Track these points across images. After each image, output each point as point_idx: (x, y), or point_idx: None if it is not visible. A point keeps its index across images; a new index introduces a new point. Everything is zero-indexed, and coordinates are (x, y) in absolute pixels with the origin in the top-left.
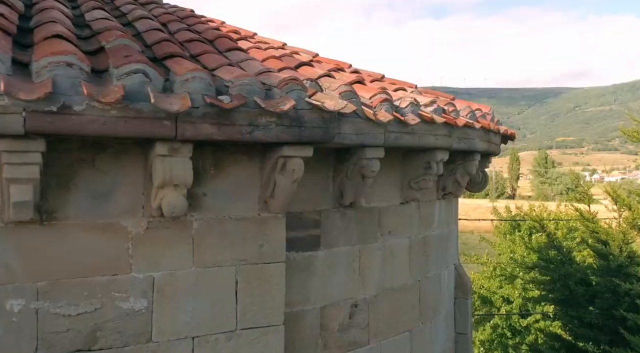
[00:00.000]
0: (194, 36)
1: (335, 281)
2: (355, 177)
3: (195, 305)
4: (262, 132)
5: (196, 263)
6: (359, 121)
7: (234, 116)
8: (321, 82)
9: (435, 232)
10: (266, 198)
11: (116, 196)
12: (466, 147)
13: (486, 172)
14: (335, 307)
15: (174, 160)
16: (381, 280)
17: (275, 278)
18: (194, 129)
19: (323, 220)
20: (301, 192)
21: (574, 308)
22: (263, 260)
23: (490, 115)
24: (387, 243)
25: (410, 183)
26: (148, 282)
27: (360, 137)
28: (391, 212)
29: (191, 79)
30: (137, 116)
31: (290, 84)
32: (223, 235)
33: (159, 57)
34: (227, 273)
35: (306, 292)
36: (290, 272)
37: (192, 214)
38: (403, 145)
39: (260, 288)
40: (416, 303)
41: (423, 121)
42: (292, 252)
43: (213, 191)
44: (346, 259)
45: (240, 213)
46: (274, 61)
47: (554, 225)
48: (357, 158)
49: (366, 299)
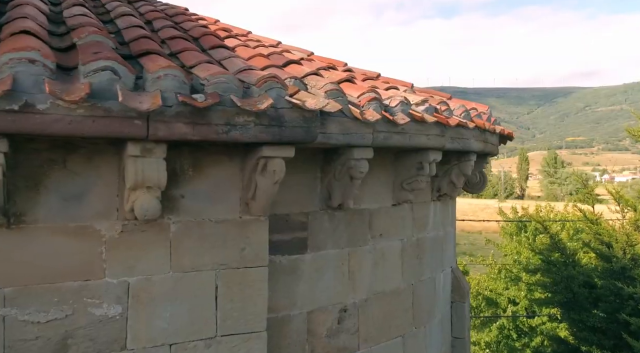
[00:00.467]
0: (178, 33)
1: (323, 285)
2: (343, 178)
3: (173, 311)
4: (239, 131)
5: (174, 267)
6: (345, 120)
7: (210, 115)
8: (307, 81)
9: (429, 234)
10: (247, 200)
11: (89, 198)
12: (460, 147)
13: (484, 173)
14: (323, 312)
15: (147, 161)
16: (372, 284)
17: (257, 283)
18: (166, 129)
19: (310, 223)
20: (287, 193)
21: (576, 312)
22: (245, 264)
23: (486, 114)
24: (378, 246)
25: (403, 184)
26: (123, 287)
27: (347, 137)
28: (382, 214)
29: (163, 77)
30: (105, 115)
31: (270, 82)
32: (202, 238)
33: (134, 54)
34: (207, 278)
35: (292, 296)
36: (276, 275)
37: (170, 217)
38: (393, 145)
39: (241, 294)
40: (409, 307)
41: (413, 120)
42: (277, 255)
43: (191, 193)
44: (335, 262)
45: (221, 216)
46: (260, 59)
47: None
48: (344, 158)
49: (356, 303)
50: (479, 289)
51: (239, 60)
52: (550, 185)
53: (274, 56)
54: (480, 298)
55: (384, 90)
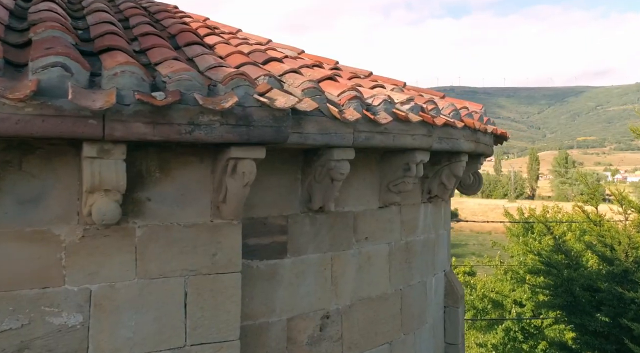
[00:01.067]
0: (152, 30)
1: (304, 291)
2: (324, 179)
3: (139, 319)
4: (203, 131)
5: (139, 274)
6: (323, 120)
7: (171, 114)
8: (286, 79)
9: (419, 237)
10: (219, 204)
11: (47, 201)
12: (449, 147)
13: (479, 174)
14: (304, 319)
15: (104, 162)
16: (356, 289)
17: (229, 289)
18: (124, 129)
19: (290, 226)
20: (265, 195)
21: (578, 316)
22: (216, 270)
23: (478, 114)
24: (363, 250)
25: (389, 186)
26: (84, 295)
27: (325, 137)
28: (368, 217)
29: (120, 73)
30: (56, 114)
31: (236, 79)
32: (170, 243)
33: (95, 50)
34: (175, 285)
35: (271, 302)
36: (253, 281)
37: (135, 221)
38: (375, 146)
39: (212, 301)
40: (397, 313)
41: (397, 120)
42: (255, 260)
43: (158, 196)
44: (316, 267)
45: (190, 220)
46: (238, 56)
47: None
48: (324, 159)
49: (339, 310)
50: (485, 291)
51: (211, 57)
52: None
53: (255, 54)
54: (487, 300)
55: (368, 89)
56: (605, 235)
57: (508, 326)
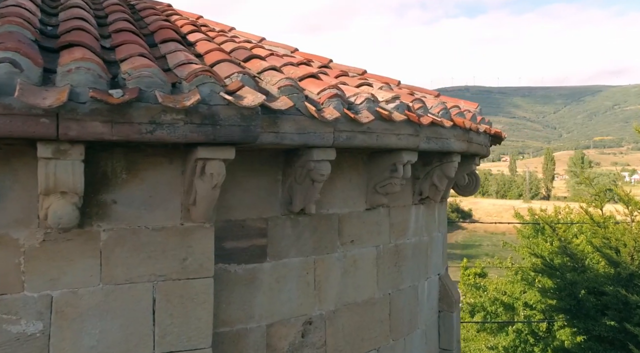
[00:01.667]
0: (127, 26)
1: (285, 296)
2: (305, 181)
3: (104, 327)
4: (166, 131)
5: (104, 279)
6: (302, 119)
7: (131, 113)
8: (264, 76)
9: (410, 240)
10: (189, 206)
11: (5, 204)
12: (438, 147)
13: (476, 174)
14: (284, 325)
15: (60, 163)
16: (341, 294)
17: (201, 295)
18: (80, 128)
19: (270, 229)
20: (244, 197)
21: (581, 320)
22: (187, 275)
23: (471, 113)
24: (349, 253)
25: (376, 187)
26: (44, 302)
27: (303, 137)
28: (354, 219)
29: (75, 70)
30: (5, 112)
31: (201, 76)
32: (138, 247)
33: (56, 46)
34: (143, 291)
35: (249, 308)
36: (230, 286)
37: (100, 224)
38: (357, 146)
39: (182, 307)
40: (385, 319)
41: (381, 119)
42: (232, 264)
43: (125, 198)
44: (298, 271)
45: (159, 223)
46: (217, 54)
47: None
48: (304, 160)
49: (323, 315)
50: (495, 293)
51: (183, 54)
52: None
53: (239, 51)
54: (498, 303)
55: (354, 87)
56: (610, 237)
57: (519, 328)
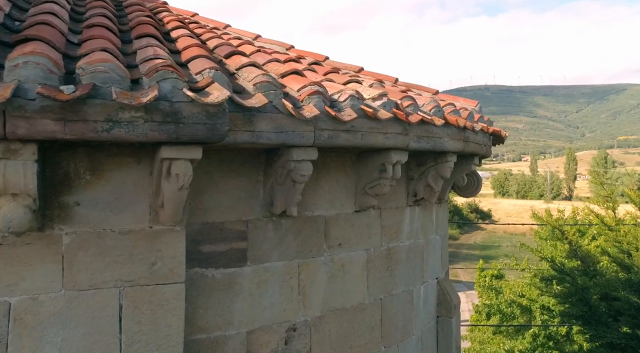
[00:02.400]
0: (102, 22)
1: (266, 301)
2: (286, 182)
3: (66, 335)
4: (124, 129)
5: (67, 285)
6: (279, 117)
7: (85, 110)
8: (242, 73)
9: (404, 243)
10: (157, 208)
11: None
12: (430, 147)
13: (477, 174)
14: (266, 332)
15: (10, 163)
16: (328, 299)
17: (171, 301)
18: (29, 126)
19: (251, 232)
20: (222, 199)
21: (593, 326)
22: (156, 281)
23: (468, 111)
24: (336, 257)
25: (365, 188)
26: (2, 309)
27: (281, 136)
28: (342, 221)
29: (22, 65)
30: None
31: (162, 71)
32: (103, 251)
33: (12, 41)
34: (108, 297)
35: (228, 314)
36: (208, 291)
37: (62, 227)
38: (341, 145)
39: (151, 314)
40: (376, 325)
41: (365, 117)
42: (210, 268)
43: (89, 200)
44: (281, 276)
45: (126, 226)
46: (194, 49)
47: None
48: (284, 160)
49: (308, 321)
50: (512, 295)
51: (153, 49)
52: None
53: (222, 47)
54: (514, 305)
55: (340, 84)
56: (622, 240)
57: (535, 333)
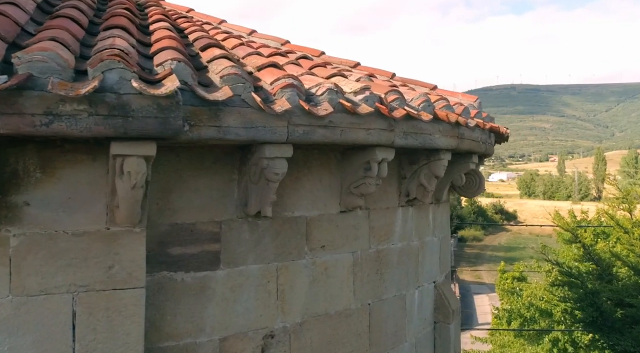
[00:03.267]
0: (69, 13)
1: (241, 307)
2: (260, 180)
3: (14, 343)
4: (65, 123)
5: (15, 290)
6: (248, 111)
7: (21, 102)
8: (212, 65)
9: (396, 245)
10: (114, 209)
11: None
12: (418, 143)
13: (479, 174)
14: (241, 339)
15: None
16: (310, 305)
17: (130, 307)
18: None
19: (224, 233)
20: (193, 198)
21: (605, 333)
22: (113, 285)
23: (463, 106)
24: (318, 260)
25: (350, 188)
26: None
27: (251, 132)
28: (325, 223)
29: None
30: None
31: (107, 61)
32: (55, 254)
33: None
34: (60, 303)
35: (199, 320)
36: (177, 296)
37: (9, 228)
38: (318, 141)
39: (108, 321)
40: (364, 331)
41: (345, 111)
42: (179, 272)
43: (40, 199)
44: (258, 280)
45: (80, 227)
46: (166, 41)
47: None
48: (257, 157)
49: (287, 328)
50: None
51: (113, 39)
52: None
53: (201, 40)
54: (533, 309)
55: (323, 78)
56: (636, 244)
57: (556, 337)
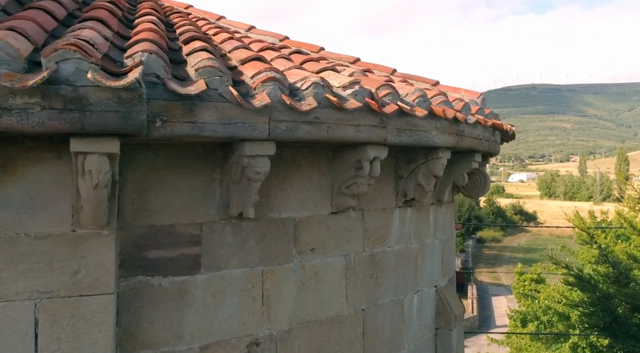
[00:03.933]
0: (43, 4)
1: (223, 313)
2: (242, 180)
3: None
4: (15, 117)
5: None
6: (226, 106)
7: None
8: (191, 58)
9: (392, 248)
10: (79, 210)
11: None
12: (412, 141)
13: (484, 173)
14: (223, 347)
15: None
16: (298, 311)
17: (97, 315)
18: None
19: (205, 236)
20: (172, 199)
21: (620, 339)
22: (79, 291)
23: (463, 102)
24: (307, 263)
25: (342, 188)
26: None
27: (229, 128)
28: (315, 224)
29: None
30: None
31: (62, 51)
32: (15, 258)
33: None
34: (21, 310)
35: (178, 328)
36: (154, 301)
37: None
38: (302, 138)
39: (73, 330)
40: (357, 338)
41: (331, 107)
42: (157, 276)
43: None
44: (242, 285)
45: (44, 229)
46: (146, 33)
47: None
48: (237, 155)
49: (273, 335)
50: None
51: (81, 31)
52: None
53: (186, 34)
54: (551, 312)
55: (312, 72)
56: None
57: (575, 342)
